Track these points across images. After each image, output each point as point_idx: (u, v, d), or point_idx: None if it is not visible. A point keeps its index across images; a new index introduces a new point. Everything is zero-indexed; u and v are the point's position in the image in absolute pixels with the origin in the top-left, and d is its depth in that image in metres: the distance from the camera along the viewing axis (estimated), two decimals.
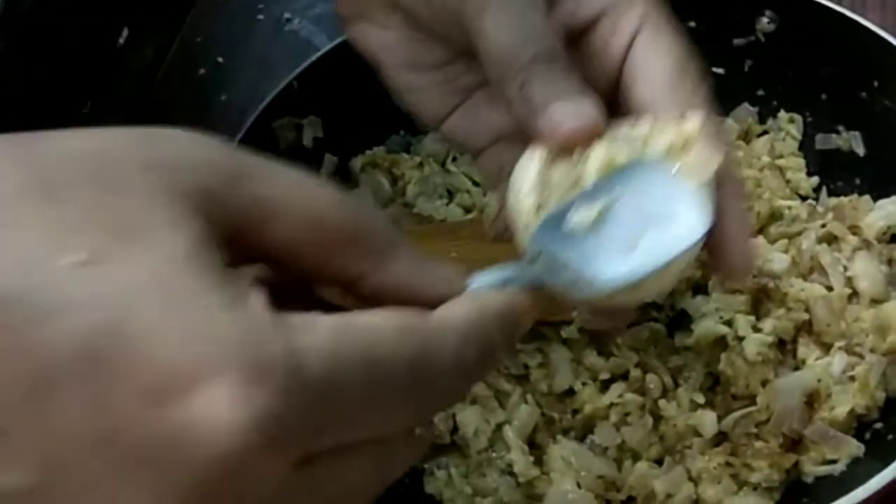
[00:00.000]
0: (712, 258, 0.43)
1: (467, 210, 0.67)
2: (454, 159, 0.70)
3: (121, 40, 0.77)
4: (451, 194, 0.68)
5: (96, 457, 0.27)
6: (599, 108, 0.42)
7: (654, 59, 0.44)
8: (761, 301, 0.59)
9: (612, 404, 0.58)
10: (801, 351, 0.57)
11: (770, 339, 0.56)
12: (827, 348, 0.57)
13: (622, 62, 0.45)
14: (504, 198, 0.44)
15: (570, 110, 0.42)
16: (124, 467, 0.28)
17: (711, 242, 0.42)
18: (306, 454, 0.30)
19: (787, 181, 0.66)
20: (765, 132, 0.67)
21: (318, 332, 0.29)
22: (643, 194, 0.40)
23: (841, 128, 0.65)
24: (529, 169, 0.42)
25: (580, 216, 0.40)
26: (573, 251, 0.40)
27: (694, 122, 0.42)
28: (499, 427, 0.58)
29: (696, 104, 0.43)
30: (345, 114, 0.68)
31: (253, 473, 0.28)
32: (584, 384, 0.59)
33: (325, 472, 0.31)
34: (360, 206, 0.34)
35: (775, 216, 0.63)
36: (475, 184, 0.69)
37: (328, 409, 0.29)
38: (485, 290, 0.37)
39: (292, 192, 0.32)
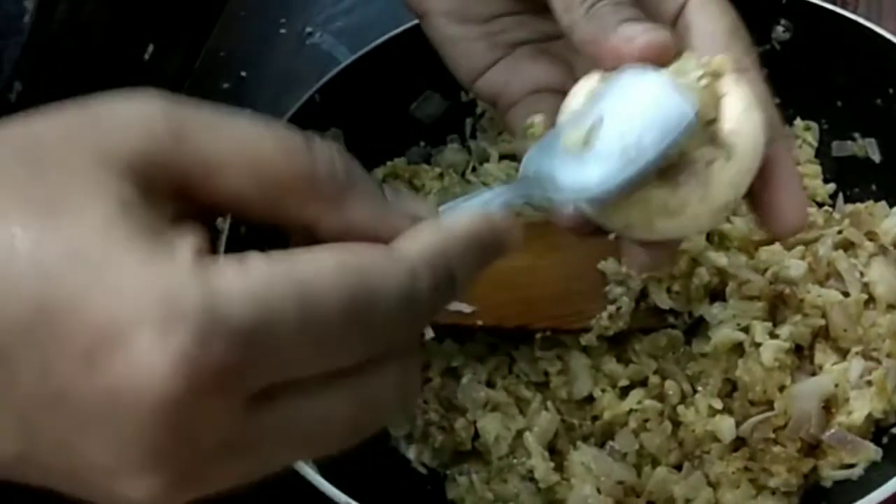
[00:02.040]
0: (764, 211, 0.43)
1: None
2: (473, 169, 0.71)
3: (146, 55, 0.78)
4: None
5: (57, 418, 0.30)
6: (671, 32, 0.43)
7: (709, 21, 0.45)
8: (778, 307, 0.59)
9: (631, 410, 0.59)
10: (818, 356, 0.58)
11: (787, 344, 0.57)
12: (844, 354, 0.57)
13: (674, 22, 0.45)
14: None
15: (642, 28, 0.42)
16: (81, 425, 0.30)
17: (762, 195, 0.42)
18: (254, 393, 0.30)
19: (804, 188, 0.66)
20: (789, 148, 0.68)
21: (249, 273, 0.30)
22: (637, 104, 0.40)
23: (857, 135, 0.66)
24: (581, 91, 0.43)
25: (570, 136, 0.39)
26: (567, 167, 0.39)
27: (723, 57, 0.42)
28: (519, 434, 0.59)
29: (747, 65, 0.44)
30: (366, 126, 0.69)
31: (197, 416, 0.30)
32: (603, 391, 0.60)
33: (290, 407, 0.31)
34: (312, 151, 0.33)
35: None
36: None
37: (260, 348, 0.30)
38: (454, 215, 0.36)
39: (236, 145, 0.33)
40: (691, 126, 0.39)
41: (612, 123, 0.39)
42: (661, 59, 0.42)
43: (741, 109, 0.41)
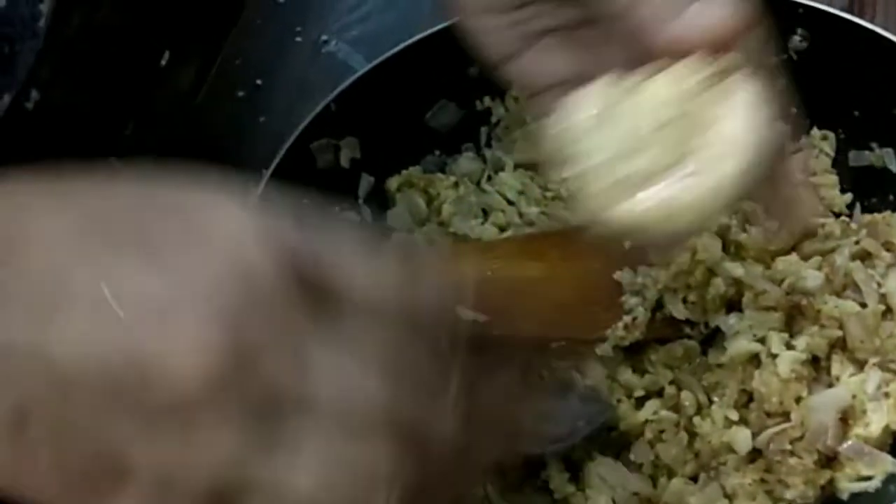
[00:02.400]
0: (773, 213, 0.44)
1: (502, 229, 0.68)
2: (489, 178, 0.71)
3: (162, 62, 0.78)
4: (485, 213, 0.69)
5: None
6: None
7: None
8: (794, 318, 0.59)
9: (647, 421, 0.59)
10: (835, 368, 0.57)
11: (803, 356, 0.57)
12: (861, 365, 0.57)
13: None
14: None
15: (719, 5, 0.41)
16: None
17: (771, 197, 0.43)
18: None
19: (821, 198, 0.66)
20: (798, 149, 0.68)
21: None
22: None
23: (874, 144, 0.65)
24: (586, 100, 0.44)
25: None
26: None
27: (733, 55, 0.42)
28: None
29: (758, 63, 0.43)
30: (381, 134, 0.69)
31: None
32: (618, 401, 0.60)
33: None
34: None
35: (809, 233, 0.64)
36: (510, 203, 0.69)
37: None
38: None
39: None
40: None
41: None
42: (735, 41, 0.41)
43: (746, 107, 0.42)
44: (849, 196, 0.66)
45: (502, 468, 0.58)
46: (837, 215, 0.66)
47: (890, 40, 0.63)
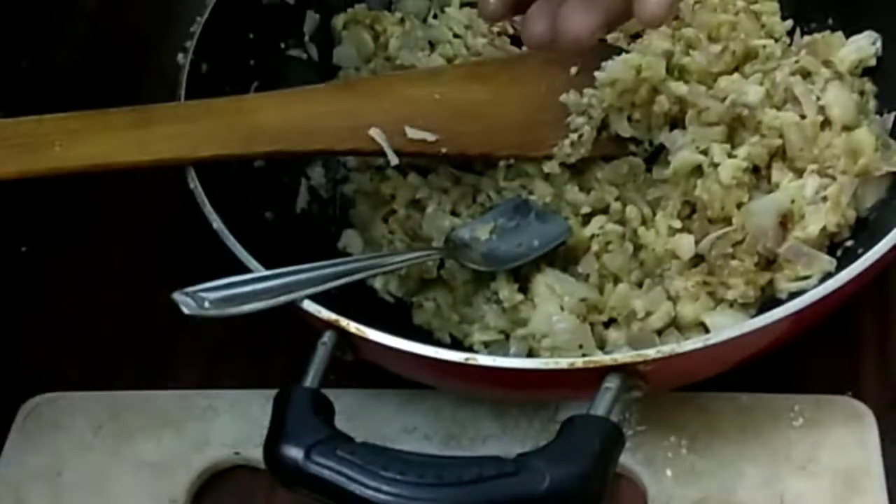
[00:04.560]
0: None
1: (449, 60, 0.68)
2: (434, 17, 0.72)
3: None
4: (432, 46, 0.69)
5: None
6: None
7: None
8: (736, 131, 0.60)
9: (593, 236, 0.60)
10: (775, 175, 0.59)
11: (744, 164, 0.58)
12: (800, 173, 0.59)
13: None
14: None
15: None
16: None
17: None
18: None
19: (762, 25, 0.67)
20: None
21: None
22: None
23: None
24: None
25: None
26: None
27: None
28: None
29: None
30: None
31: None
32: (565, 218, 0.61)
33: None
34: None
35: (750, 56, 0.64)
36: (456, 35, 0.70)
37: None
38: None
39: None
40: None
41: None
42: None
43: None
44: (789, 23, 0.67)
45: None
46: (778, 41, 0.67)
47: None
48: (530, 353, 0.57)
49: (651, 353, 0.48)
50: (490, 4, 0.55)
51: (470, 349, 0.59)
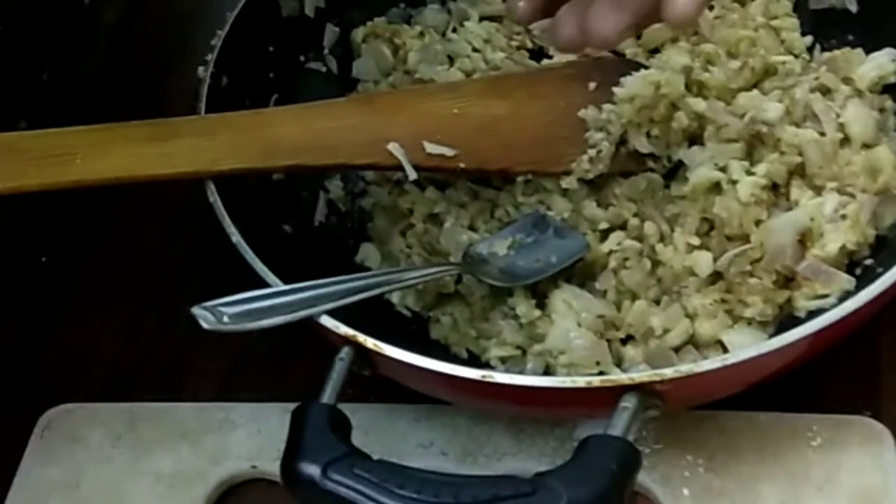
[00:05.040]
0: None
1: (468, 75, 0.68)
2: (454, 30, 0.72)
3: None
4: (451, 60, 0.70)
5: None
6: None
7: None
8: (755, 148, 0.60)
9: (611, 252, 0.60)
10: (794, 193, 0.58)
11: (763, 181, 0.58)
12: (819, 190, 0.58)
13: None
14: None
15: None
16: None
17: None
18: None
19: (782, 41, 0.67)
20: None
21: None
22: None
23: None
24: None
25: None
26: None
27: None
28: None
29: None
30: None
31: None
32: (583, 234, 0.61)
33: None
34: None
35: (770, 72, 0.64)
36: (476, 50, 0.70)
37: None
38: None
39: None
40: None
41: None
42: None
43: None
44: (809, 39, 0.67)
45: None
46: (797, 57, 0.67)
47: None
48: (547, 369, 0.57)
49: (669, 372, 0.48)
50: (520, 7, 0.55)
51: (487, 364, 0.59)
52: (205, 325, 0.49)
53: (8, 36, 0.71)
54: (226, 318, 0.49)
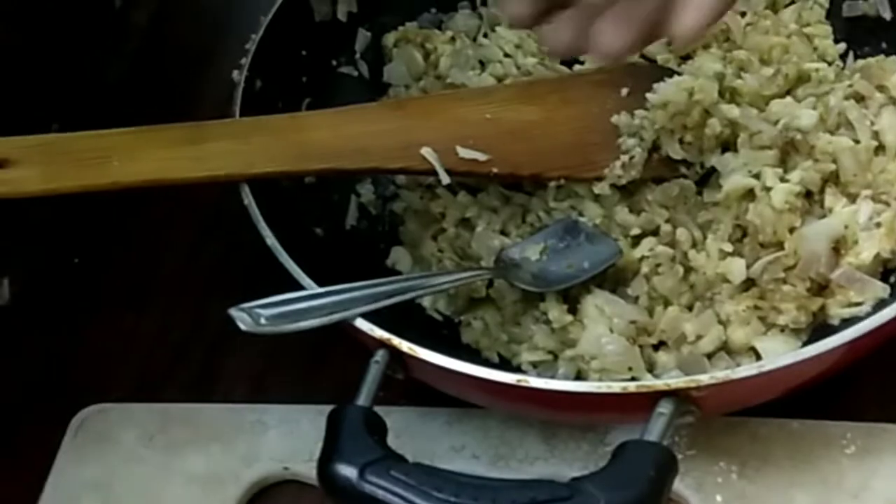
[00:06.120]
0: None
1: (500, 80, 0.68)
2: (485, 35, 0.72)
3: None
4: (483, 65, 0.70)
5: None
6: None
7: None
8: (789, 155, 0.60)
9: (643, 258, 0.60)
10: (828, 200, 0.58)
11: (797, 188, 0.58)
12: (853, 198, 0.58)
13: None
14: None
15: None
16: None
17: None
18: None
19: (815, 48, 0.67)
20: (792, 2, 0.68)
21: None
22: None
23: None
24: None
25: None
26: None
27: None
28: None
29: None
30: None
31: None
32: (615, 240, 0.61)
33: None
34: None
35: (803, 79, 0.64)
36: (507, 55, 0.70)
37: None
38: None
39: None
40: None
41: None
42: None
43: None
44: (842, 46, 0.67)
45: None
46: (831, 64, 0.66)
47: None
48: (579, 375, 0.57)
49: (704, 378, 0.48)
50: (515, 10, 0.53)
51: (518, 369, 0.59)
52: (242, 327, 0.49)
53: (40, 38, 0.71)
54: (263, 320, 0.50)
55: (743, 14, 0.68)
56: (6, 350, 0.64)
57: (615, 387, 0.48)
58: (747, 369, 0.48)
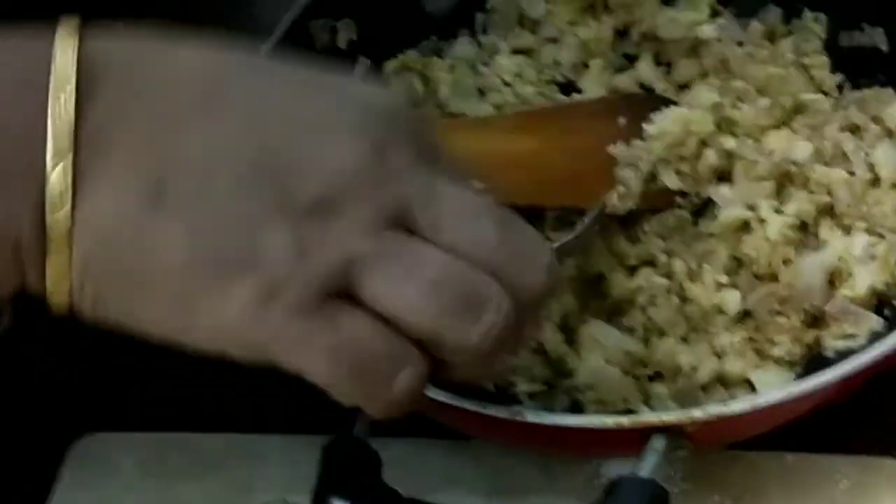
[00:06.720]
0: None
1: (498, 108, 0.69)
2: (485, 63, 0.72)
3: None
4: (482, 94, 0.70)
5: None
6: None
7: None
8: (784, 187, 0.60)
9: (639, 288, 0.60)
10: (823, 232, 0.59)
11: (792, 220, 0.58)
12: (848, 230, 0.59)
13: None
14: None
15: None
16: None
17: None
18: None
19: (812, 79, 0.67)
20: (790, 32, 0.69)
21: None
22: None
23: (865, 24, 0.66)
24: None
25: None
26: None
27: None
28: None
29: None
30: (378, 18, 0.70)
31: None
32: (611, 270, 0.61)
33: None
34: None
35: (799, 110, 0.65)
36: (506, 84, 0.70)
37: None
38: None
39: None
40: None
41: None
42: None
43: None
44: (839, 77, 0.67)
45: None
46: (828, 95, 0.67)
47: None
48: (575, 405, 0.58)
49: (698, 413, 0.48)
50: None
51: (514, 398, 0.59)
52: None
53: None
54: None
55: (740, 44, 0.68)
56: (3, 378, 0.65)
57: (609, 422, 0.49)
58: (741, 404, 0.49)
